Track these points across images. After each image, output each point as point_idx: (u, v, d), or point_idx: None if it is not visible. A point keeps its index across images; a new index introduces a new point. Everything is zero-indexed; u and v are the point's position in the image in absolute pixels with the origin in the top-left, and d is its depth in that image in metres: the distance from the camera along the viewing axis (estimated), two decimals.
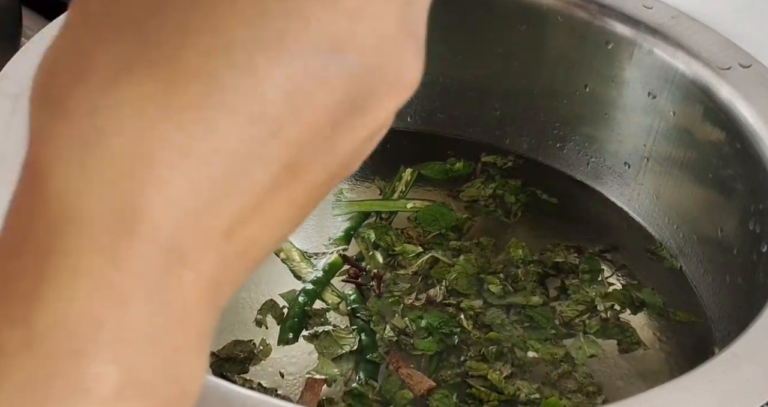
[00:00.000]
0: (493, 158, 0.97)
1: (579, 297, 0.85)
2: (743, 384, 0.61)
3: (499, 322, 0.82)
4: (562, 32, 0.90)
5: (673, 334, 0.84)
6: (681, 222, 0.88)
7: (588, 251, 0.89)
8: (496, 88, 0.95)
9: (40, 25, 0.79)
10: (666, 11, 0.87)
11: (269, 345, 0.79)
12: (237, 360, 0.77)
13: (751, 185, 0.79)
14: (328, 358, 0.78)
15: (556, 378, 0.79)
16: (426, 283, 0.85)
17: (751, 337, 0.64)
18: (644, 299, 0.86)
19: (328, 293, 0.83)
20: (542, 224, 0.92)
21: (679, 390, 0.61)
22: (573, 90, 0.92)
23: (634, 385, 0.80)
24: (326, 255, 0.86)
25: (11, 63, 0.74)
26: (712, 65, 0.83)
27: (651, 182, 0.91)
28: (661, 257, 0.89)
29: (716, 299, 0.84)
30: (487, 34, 0.93)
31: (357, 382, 0.77)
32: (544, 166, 0.96)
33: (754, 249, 0.78)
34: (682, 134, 0.86)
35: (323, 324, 0.81)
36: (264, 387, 0.76)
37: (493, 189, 0.94)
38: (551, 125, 0.95)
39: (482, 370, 0.79)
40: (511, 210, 0.92)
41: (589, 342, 0.82)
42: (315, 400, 0.74)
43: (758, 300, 0.72)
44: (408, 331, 0.81)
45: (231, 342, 0.78)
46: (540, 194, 0.93)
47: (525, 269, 0.87)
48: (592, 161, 0.94)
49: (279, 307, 0.82)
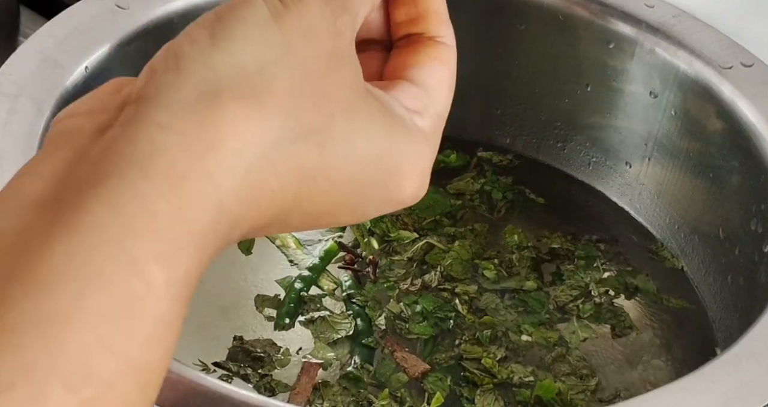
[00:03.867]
0: (490, 154, 0.97)
1: (573, 282, 0.86)
2: (745, 385, 0.61)
3: (494, 307, 0.83)
4: (563, 31, 0.90)
5: (666, 319, 0.85)
6: (682, 222, 0.88)
7: (584, 237, 0.90)
8: (496, 88, 0.95)
9: (39, 24, 0.78)
10: (667, 10, 0.87)
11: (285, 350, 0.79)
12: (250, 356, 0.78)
13: (753, 184, 0.79)
14: (323, 342, 0.79)
15: (550, 362, 0.80)
16: (421, 269, 0.86)
17: (752, 337, 0.64)
18: (638, 285, 0.87)
19: (324, 279, 0.84)
20: (540, 223, 0.92)
21: (680, 390, 0.61)
22: (574, 89, 0.92)
23: (626, 369, 0.80)
24: (322, 242, 0.87)
25: (9, 62, 0.74)
26: (713, 64, 0.83)
27: (652, 181, 0.90)
28: (663, 258, 0.89)
29: (718, 299, 0.84)
30: (487, 33, 0.93)
31: (352, 366, 0.77)
32: (544, 165, 0.96)
33: (755, 249, 0.78)
34: (683, 133, 0.86)
35: (319, 310, 0.82)
36: (259, 374, 0.76)
37: (482, 185, 0.94)
38: (552, 125, 0.95)
39: (476, 353, 0.80)
40: (495, 206, 0.92)
41: (582, 326, 0.83)
42: (311, 384, 0.76)
43: (760, 300, 0.72)
44: (403, 316, 0.82)
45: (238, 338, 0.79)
46: (528, 194, 0.93)
47: (519, 255, 0.88)
48: (593, 160, 0.94)
49: (273, 297, 0.82)
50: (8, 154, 0.68)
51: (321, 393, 0.75)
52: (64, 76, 0.74)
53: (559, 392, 0.77)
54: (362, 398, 0.76)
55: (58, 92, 0.73)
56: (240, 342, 0.78)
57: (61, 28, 0.78)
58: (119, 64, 0.80)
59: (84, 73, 0.76)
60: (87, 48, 0.77)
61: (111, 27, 0.79)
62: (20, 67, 0.74)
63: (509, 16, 0.91)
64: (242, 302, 0.82)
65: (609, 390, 0.79)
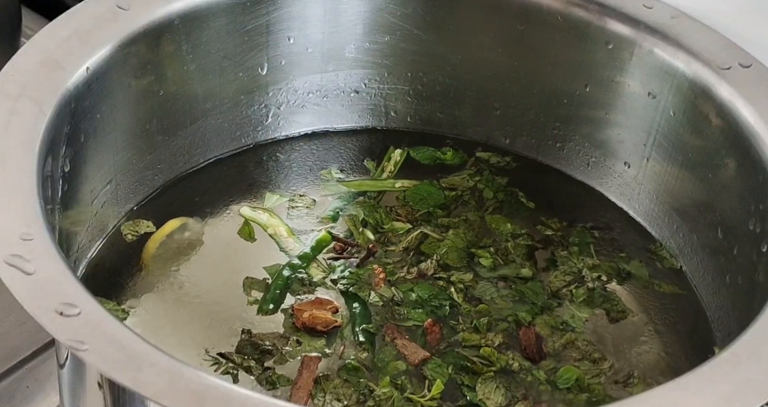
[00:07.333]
0: (488, 154, 0.97)
1: (567, 268, 0.87)
2: (743, 384, 0.61)
3: (489, 298, 0.84)
4: (562, 32, 0.90)
5: (658, 306, 0.86)
6: (681, 222, 0.88)
7: (579, 225, 0.91)
8: (496, 88, 0.95)
9: (40, 25, 0.79)
10: (666, 11, 0.87)
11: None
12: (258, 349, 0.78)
13: (751, 184, 0.79)
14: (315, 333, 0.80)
15: (560, 349, 0.80)
16: (417, 258, 0.87)
17: (751, 337, 0.65)
18: (630, 271, 0.87)
19: (314, 267, 0.85)
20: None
21: (679, 389, 0.61)
22: (573, 90, 0.92)
23: (627, 351, 0.82)
24: (314, 232, 0.88)
25: (11, 63, 0.74)
26: (712, 65, 0.83)
27: (651, 182, 0.91)
28: (661, 257, 0.89)
29: (716, 299, 0.84)
30: (487, 34, 0.93)
31: (351, 358, 0.78)
32: (543, 166, 0.97)
33: (754, 249, 0.78)
34: (682, 134, 0.86)
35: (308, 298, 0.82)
36: (263, 366, 0.77)
37: (476, 183, 0.94)
38: (551, 125, 0.95)
39: (475, 341, 0.80)
40: (484, 205, 0.92)
41: (578, 305, 0.84)
42: (312, 377, 0.76)
43: (758, 300, 0.73)
44: (396, 300, 0.82)
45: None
46: (520, 197, 0.93)
47: (515, 243, 0.88)
48: (592, 160, 0.94)
49: (261, 280, 0.83)
50: (9, 154, 0.68)
51: (322, 386, 0.76)
52: (65, 77, 0.75)
53: (576, 378, 0.78)
54: (363, 387, 0.76)
55: (59, 93, 0.74)
56: (249, 335, 0.79)
57: (63, 29, 0.78)
58: (120, 65, 0.80)
59: (85, 74, 0.76)
60: (88, 49, 0.77)
61: (112, 28, 0.79)
62: (22, 67, 0.74)
63: (509, 16, 0.91)
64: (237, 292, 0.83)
65: (623, 372, 0.80)
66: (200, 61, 0.87)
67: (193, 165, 0.92)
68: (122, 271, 0.83)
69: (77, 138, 0.77)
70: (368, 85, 0.97)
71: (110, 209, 0.85)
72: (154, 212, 0.87)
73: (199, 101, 0.90)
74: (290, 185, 0.92)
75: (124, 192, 0.86)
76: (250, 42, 0.89)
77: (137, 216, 0.87)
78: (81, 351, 0.58)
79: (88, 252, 0.83)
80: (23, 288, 0.60)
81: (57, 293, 0.61)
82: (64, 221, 0.76)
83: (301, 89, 0.95)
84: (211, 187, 0.91)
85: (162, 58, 0.84)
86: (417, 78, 0.96)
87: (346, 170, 0.94)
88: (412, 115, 0.98)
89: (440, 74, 0.96)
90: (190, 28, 0.85)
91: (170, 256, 0.85)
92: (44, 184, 0.69)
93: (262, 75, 0.92)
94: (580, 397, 0.78)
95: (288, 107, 0.95)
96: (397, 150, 0.96)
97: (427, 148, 0.97)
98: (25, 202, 0.66)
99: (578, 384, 0.78)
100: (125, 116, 0.83)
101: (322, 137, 0.97)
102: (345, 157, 0.96)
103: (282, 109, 0.95)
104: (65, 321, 0.59)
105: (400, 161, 0.95)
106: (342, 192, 0.92)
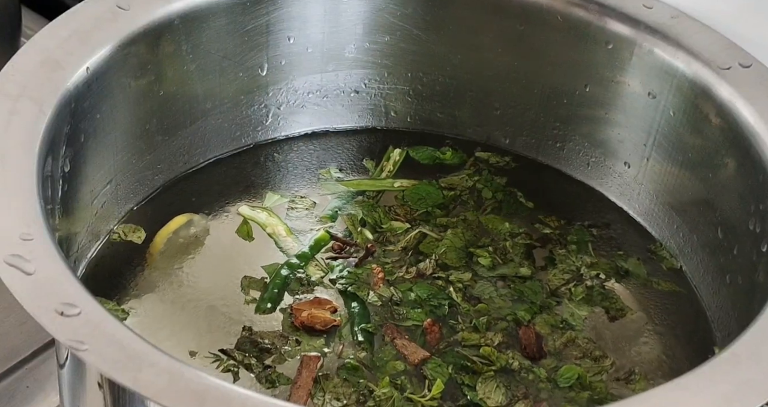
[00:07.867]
0: (488, 154, 0.97)
1: (565, 267, 0.87)
2: (743, 384, 0.61)
3: (488, 297, 0.84)
4: (562, 32, 0.90)
5: (658, 302, 0.86)
6: (681, 222, 0.88)
7: (577, 223, 0.91)
8: (496, 88, 0.95)
9: (40, 25, 0.79)
10: (666, 11, 0.87)
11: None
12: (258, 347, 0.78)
13: (751, 184, 0.79)
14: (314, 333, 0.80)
15: (561, 347, 0.80)
16: (416, 258, 0.87)
17: (751, 337, 0.65)
18: (629, 269, 0.88)
19: (312, 267, 0.85)
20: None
21: (679, 389, 0.61)
22: (573, 90, 0.92)
23: (627, 348, 0.82)
24: (313, 231, 0.88)
25: (11, 63, 0.74)
26: (712, 65, 0.83)
27: (651, 181, 0.91)
28: (661, 257, 0.89)
29: (716, 298, 0.84)
30: (487, 34, 0.93)
31: (350, 357, 0.78)
32: (543, 166, 0.97)
33: (754, 249, 0.78)
34: (682, 134, 0.86)
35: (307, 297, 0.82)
36: (263, 364, 0.77)
37: (475, 183, 0.94)
38: (551, 125, 0.95)
39: (474, 340, 0.80)
40: (483, 204, 0.92)
41: (576, 304, 0.84)
42: (311, 377, 0.76)
43: (758, 300, 0.73)
44: (395, 299, 0.82)
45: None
46: (519, 197, 0.93)
47: (513, 242, 0.88)
48: (592, 160, 0.95)
49: (259, 279, 0.83)
50: (9, 154, 0.68)
51: (322, 385, 0.76)
52: (65, 77, 0.75)
53: (578, 377, 0.78)
54: (362, 387, 0.76)
55: (59, 93, 0.74)
56: (249, 332, 0.79)
57: (63, 29, 0.78)
58: (120, 65, 0.80)
59: (85, 74, 0.76)
60: (88, 49, 0.77)
61: (112, 28, 0.79)
62: (22, 67, 0.74)
63: (509, 16, 0.91)
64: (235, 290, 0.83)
65: (624, 370, 0.80)
66: (200, 61, 0.87)
67: (192, 165, 0.92)
68: (122, 271, 0.83)
69: (77, 138, 0.77)
70: (368, 85, 0.97)
71: (110, 209, 0.85)
72: (154, 212, 0.87)
73: (199, 101, 0.90)
74: (290, 185, 0.92)
75: (124, 192, 0.86)
76: (250, 42, 0.89)
77: (137, 216, 0.87)
78: (81, 351, 0.58)
79: (88, 252, 0.83)
80: (23, 288, 0.60)
81: (57, 293, 0.61)
82: (64, 221, 0.76)
83: (301, 89, 0.95)
84: (210, 187, 0.91)
85: (162, 58, 0.84)
86: (417, 78, 0.96)
87: (346, 169, 0.94)
88: (411, 115, 0.98)
89: (440, 74, 0.96)
90: (190, 28, 0.85)
91: (175, 252, 0.85)
92: (44, 184, 0.69)
93: (262, 75, 0.92)
94: (582, 395, 0.78)
95: (288, 107, 0.95)
96: (396, 150, 0.96)
97: (427, 148, 0.97)
98: (25, 202, 0.66)
99: (580, 382, 0.78)
100: (125, 116, 0.83)
101: (322, 137, 0.97)
102: (344, 157, 0.96)
103: (282, 109, 0.95)
104: (65, 321, 0.59)
105: (400, 160, 0.95)
106: (341, 192, 0.92)
